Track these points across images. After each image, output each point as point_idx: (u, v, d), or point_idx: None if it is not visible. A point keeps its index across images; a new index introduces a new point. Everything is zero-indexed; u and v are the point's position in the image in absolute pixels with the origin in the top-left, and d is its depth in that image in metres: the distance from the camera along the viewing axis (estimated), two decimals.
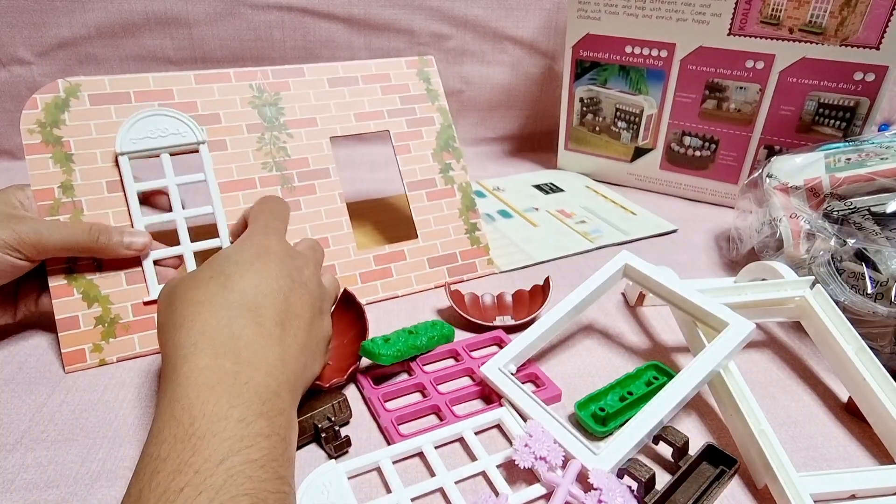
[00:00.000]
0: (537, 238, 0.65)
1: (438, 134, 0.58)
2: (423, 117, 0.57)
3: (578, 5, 0.72)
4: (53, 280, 0.43)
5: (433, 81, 0.59)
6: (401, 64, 0.58)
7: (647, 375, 0.42)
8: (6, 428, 0.38)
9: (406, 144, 0.56)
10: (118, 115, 0.47)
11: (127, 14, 0.76)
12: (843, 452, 0.38)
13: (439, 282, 0.55)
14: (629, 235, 0.65)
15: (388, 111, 0.56)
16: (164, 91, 0.48)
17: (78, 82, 0.46)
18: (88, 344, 0.44)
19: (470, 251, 0.57)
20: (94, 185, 0.45)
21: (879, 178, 0.51)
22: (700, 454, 0.35)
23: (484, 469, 0.36)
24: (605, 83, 0.75)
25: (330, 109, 0.54)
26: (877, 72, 0.61)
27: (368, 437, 0.38)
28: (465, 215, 0.57)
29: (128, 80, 0.47)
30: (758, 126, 0.69)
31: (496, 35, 0.87)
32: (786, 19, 0.63)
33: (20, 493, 0.34)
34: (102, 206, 0.45)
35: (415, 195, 0.56)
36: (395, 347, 0.42)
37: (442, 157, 0.57)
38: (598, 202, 0.74)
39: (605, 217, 0.70)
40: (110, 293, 0.45)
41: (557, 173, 0.83)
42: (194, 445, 0.25)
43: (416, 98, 0.57)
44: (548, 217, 0.70)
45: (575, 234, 0.65)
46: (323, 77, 0.54)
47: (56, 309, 0.43)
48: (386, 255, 0.54)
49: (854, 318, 0.42)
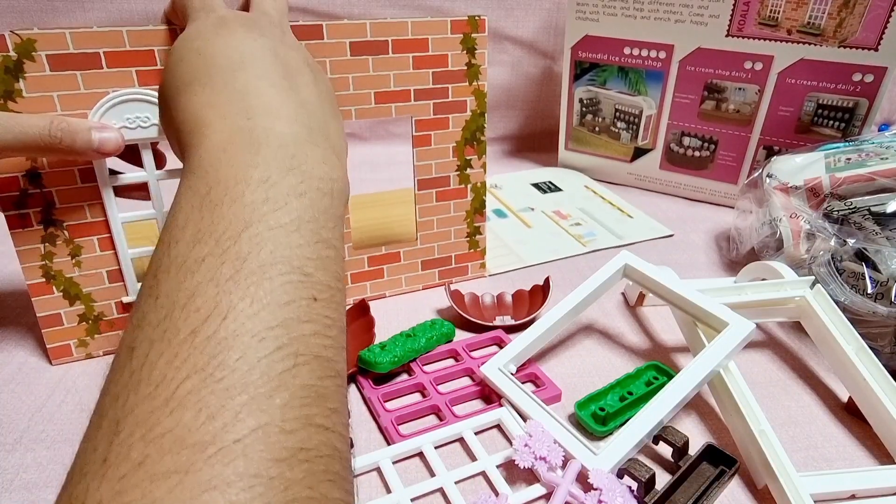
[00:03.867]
0: (530, 240, 0.64)
1: (468, 123, 0.50)
2: (455, 101, 0.48)
3: (577, 7, 0.72)
4: (30, 277, 0.41)
5: (478, 54, 0.48)
6: (445, 26, 0.46)
7: (647, 375, 0.42)
8: (5, 427, 0.38)
9: (427, 135, 0.49)
10: (87, 84, 0.38)
11: (127, 14, 0.76)
12: (843, 452, 0.38)
13: (428, 283, 0.54)
14: (623, 240, 0.65)
15: (415, 91, 0.47)
16: (143, 53, 0.39)
17: (31, 36, 0.36)
18: (73, 339, 0.43)
19: (466, 255, 0.54)
20: (65, 175, 0.40)
21: (879, 178, 0.52)
22: (700, 454, 0.35)
23: (484, 469, 0.36)
24: (605, 84, 0.75)
25: (348, 86, 0.45)
26: (875, 73, 0.61)
27: (368, 438, 0.38)
28: (471, 217, 0.53)
29: (95, 36, 0.37)
30: (757, 127, 0.69)
31: (496, 35, 0.87)
32: (784, 20, 0.63)
33: (20, 492, 0.33)
34: (74, 199, 0.41)
35: (423, 195, 0.50)
36: (391, 354, 0.42)
37: (464, 151, 0.50)
38: (596, 204, 0.74)
39: (601, 220, 0.69)
40: (92, 291, 0.43)
41: (557, 171, 0.83)
42: (212, 213, 0.21)
43: (452, 76, 0.48)
44: (543, 218, 0.69)
45: (568, 236, 0.65)
46: (345, 40, 0.43)
47: (36, 307, 0.42)
48: (381, 256, 0.52)
49: (854, 318, 0.43)
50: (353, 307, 0.45)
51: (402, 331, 0.45)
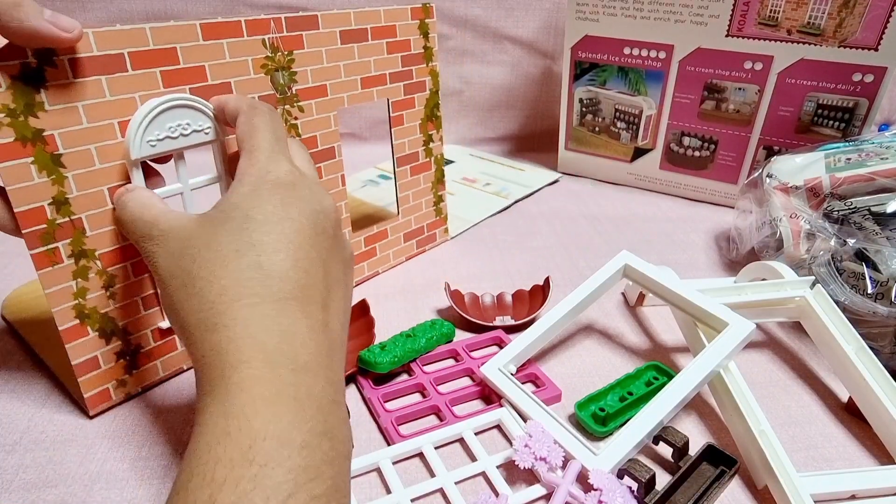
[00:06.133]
0: (462, 204, 0.72)
1: (428, 101, 0.55)
2: (418, 82, 0.53)
3: (577, 7, 0.72)
4: (63, 321, 0.36)
5: (431, 38, 0.53)
6: (405, 13, 0.51)
7: (647, 376, 0.42)
8: (5, 428, 0.38)
9: (401, 115, 0.53)
10: (113, 90, 0.35)
11: (127, 14, 0.76)
12: (843, 452, 0.38)
13: (410, 254, 0.59)
14: (531, 188, 0.76)
15: (390, 75, 0.51)
16: (166, 51, 0.37)
17: None
18: (112, 381, 0.39)
19: (434, 222, 0.60)
20: (94, 197, 0.36)
21: (880, 178, 0.52)
22: (700, 454, 0.35)
23: (484, 469, 0.35)
24: (605, 84, 0.75)
25: (340, 73, 0.48)
26: (875, 73, 0.61)
27: (368, 438, 0.38)
28: (436, 187, 0.59)
29: (120, 35, 0.35)
30: (757, 127, 0.69)
31: (496, 35, 0.87)
32: (784, 21, 0.63)
33: (19, 493, 0.33)
34: (106, 223, 0.36)
35: (402, 171, 0.55)
36: (391, 354, 0.42)
37: (427, 127, 0.56)
38: (489, 165, 0.84)
39: (502, 176, 0.80)
40: (127, 323, 0.39)
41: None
42: (255, 475, 0.21)
43: (414, 58, 0.53)
44: (458, 186, 0.77)
45: (488, 195, 0.74)
46: (336, 29, 0.46)
47: (71, 353, 0.37)
48: (374, 235, 0.55)
49: (854, 318, 0.42)
50: (354, 307, 0.45)
51: (402, 331, 0.45)
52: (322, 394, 0.25)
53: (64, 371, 0.41)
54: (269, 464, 0.21)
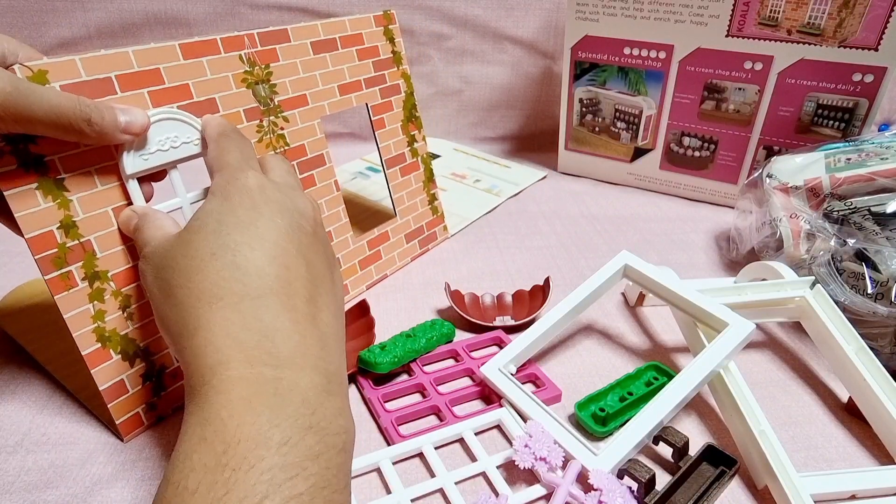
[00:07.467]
0: (456, 201, 0.72)
1: (404, 103, 0.57)
2: (392, 85, 0.56)
3: (577, 7, 0.72)
4: (85, 346, 0.35)
5: (397, 42, 0.56)
6: (369, 21, 0.54)
7: (647, 376, 0.42)
8: (7, 430, 0.38)
9: (381, 118, 0.55)
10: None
11: (127, 14, 0.76)
12: (843, 452, 0.38)
13: (414, 255, 0.59)
14: (520, 186, 0.76)
15: (364, 80, 0.53)
16: (150, 72, 0.38)
17: (43, 67, 0.33)
18: (142, 405, 0.38)
19: (432, 221, 0.61)
20: (100, 218, 0.36)
21: (879, 178, 0.52)
22: (700, 454, 0.35)
23: (484, 470, 0.36)
24: (605, 84, 0.75)
25: (317, 83, 0.49)
26: (875, 73, 0.61)
27: (368, 438, 0.38)
28: (427, 186, 0.60)
29: (105, 59, 0.35)
30: (757, 127, 0.69)
31: (496, 35, 0.87)
32: (784, 21, 0.63)
33: (20, 494, 0.34)
34: (116, 243, 0.36)
35: (392, 172, 0.56)
36: (391, 354, 0.42)
37: (408, 128, 0.57)
38: (475, 162, 0.84)
39: (490, 173, 0.80)
40: (148, 343, 0.38)
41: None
42: (227, 480, 0.21)
43: (384, 63, 0.55)
44: (449, 182, 0.77)
45: (479, 191, 0.74)
46: (307, 41, 0.48)
47: (97, 378, 0.36)
48: (376, 238, 0.55)
49: (854, 318, 0.43)
50: (354, 307, 0.45)
51: (402, 331, 0.45)
52: (309, 386, 0.25)
53: (88, 394, 0.40)
54: (243, 467, 0.21)
